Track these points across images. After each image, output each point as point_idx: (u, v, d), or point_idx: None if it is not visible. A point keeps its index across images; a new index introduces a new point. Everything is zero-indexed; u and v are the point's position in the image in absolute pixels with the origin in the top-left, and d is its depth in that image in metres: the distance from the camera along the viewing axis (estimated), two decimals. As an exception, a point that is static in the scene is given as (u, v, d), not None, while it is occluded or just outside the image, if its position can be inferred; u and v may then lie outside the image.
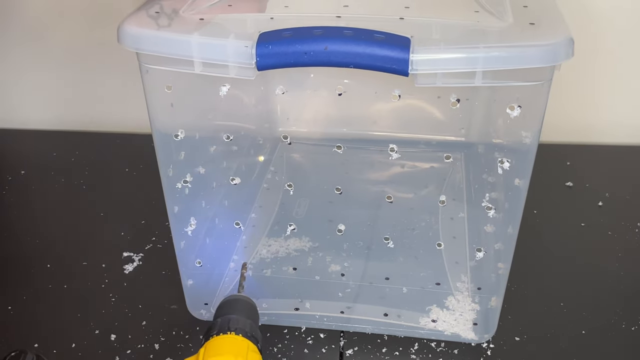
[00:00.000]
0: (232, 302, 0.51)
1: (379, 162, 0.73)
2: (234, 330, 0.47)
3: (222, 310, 0.50)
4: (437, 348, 0.56)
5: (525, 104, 0.46)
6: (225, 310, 0.50)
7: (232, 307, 0.50)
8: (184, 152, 0.53)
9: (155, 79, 0.49)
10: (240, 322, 0.48)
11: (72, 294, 0.62)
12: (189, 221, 0.56)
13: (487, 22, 0.46)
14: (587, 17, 0.78)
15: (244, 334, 0.47)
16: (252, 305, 0.51)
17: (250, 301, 0.52)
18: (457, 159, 0.75)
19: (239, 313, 0.49)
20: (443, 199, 0.65)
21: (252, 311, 0.51)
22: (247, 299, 0.51)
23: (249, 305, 0.51)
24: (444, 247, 0.61)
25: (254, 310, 0.51)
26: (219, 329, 0.47)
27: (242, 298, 0.51)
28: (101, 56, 0.87)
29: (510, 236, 0.51)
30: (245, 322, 0.48)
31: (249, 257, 0.63)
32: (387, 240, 0.58)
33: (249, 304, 0.51)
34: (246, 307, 0.50)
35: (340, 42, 0.42)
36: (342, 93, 0.55)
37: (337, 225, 0.58)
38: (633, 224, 0.70)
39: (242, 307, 0.50)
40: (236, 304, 0.50)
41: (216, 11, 0.48)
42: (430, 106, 0.73)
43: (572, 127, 0.85)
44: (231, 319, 0.48)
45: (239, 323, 0.48)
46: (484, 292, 0.58)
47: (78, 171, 0.81)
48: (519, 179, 0.49)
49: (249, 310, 0.50)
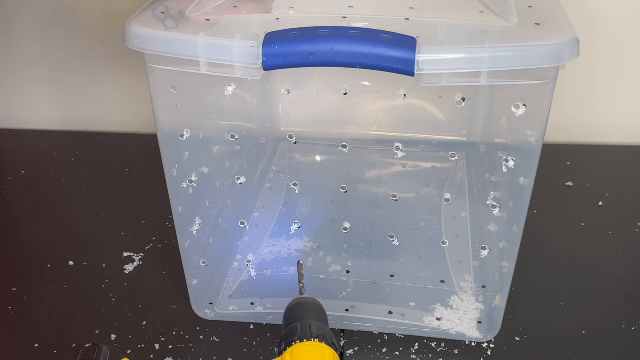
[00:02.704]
0: (305, 305, 0.49)
1: (380, 162, 0.73)
2: (317, 338, 0.45)
3: (295, 314, 0.48)
4: (437, 348, 0.56)
5: (530, 103, 0.46)
6: (299, 313, 0.48)
7: (305, 310, 0.49)
8: (189, 152, 0.54)
9: (161, 79, 0.49)
10: (321, 329, 0.46)
11: (72, 294, 0.62)
12: (193, 221, 0.56)
13: (493, 22, 0.46)
14: (587, 18, 0.78)
15: (326, 341, 0.46)
16: (323, 309, 0.50)
17: (320, 304, 0.50)
18: (459, 158, 0.75)
19: (315, 318, 0.48)
20: (448, 196, 0.65)
21: (324, 315, 0.49)
22: (317, 302, 0.50)
23: (321, 309, 0.50)
24: (447, 246, 0.61)
25: (325, 314, 0.50)
26: (301, 335, 0.46)
27: (313, 301, 0.50)
28: (101, 56, 0.86)
29: (515, 235, 0.52)
30: (326, 329, 0.47)
31: (252, 256, 0.63)
32: (392, 237, 0.58)
33: (320, 307, 0.50)
34: (319, 311, 0.49)
35: (347, 42, 0.42)
36: (346, 92, 0.55)
37: (340, 224, 0.58)
38: (633, 224, 0.70)
39: (316, 311, 0.49)
40: (309, 307, 0.49)
41: (222, 12, 0.49)
42: (432, 106, 0.73)
43: (572, 127, 0.85)
44: (312, 325, 0.46)
45: (320, 330, 0.46)
46: (488, 290, 0.58)
47: (78, 171, 0.81)
48: (524, 178, 0.49)
49: (323, 315, 0.49)
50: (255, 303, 0.59)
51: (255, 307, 0.59)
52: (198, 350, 0.56)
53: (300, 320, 0.47)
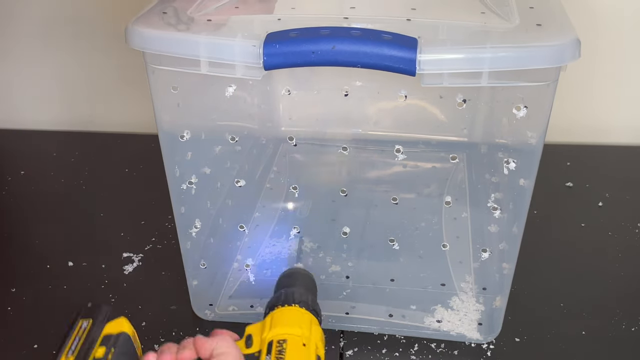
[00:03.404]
0: (294, 274, 0.52)
1: (380, 162, 0.73)
2: (297, 303, 0.47)
3: (284, 282, 0.51)
4: (437, 349, 0.56)
5: (531, 104, 0.46)
6: (287, 282, 0.51)
7: (294, 279, 0.51)
8: (190, 152, 0.53)
9: (162, 80, 0.49)
10: (304, 295, 0.49)
11: (72, 294, 0.62)
12: (194, 222, 0.56)
13: (494, 23, 0.46)
14: (588, 19, 0.78)
15: (307, 307, 0.48)
16: (311, 279, 0.53)
17: (310, 274, 0.53)
18: (460, 159, 0.75)
19: (300, 286, 0.50)
20: (448, 199, 0.65)
21: (312, 284, 0.52)
22: (306, 273, 0.53)
23: (309, 278, 0.52)
24: (447, 247, 0.61)
25: (313, 283, 0.52)
26: (283, 300, 0.48)
27: (302, 271, 0.53)
28: (102, 56, 0.86)
29: (515, 236, 0.52)
30: (308, 296, 0.49)
31: (252, 260, 0.63)
32: (392, 242, 0.58)
33: (308, 277, 0.53)
34: (306, 280, 0.52)
35: (348, 41, 0.42)
36: (347, 93, 0.55)
37: (340, 224, 0.58)
38: (633, 224, 0.70)
39: (303, 280, 0.52)
40: (297, 276, 0.52)
41: (224, 12, 0.49)
42: (432, 106, 0.73)
43: (572, 127, 0.85)
44: (295, 292, 0.49)
45: (303, 296, 0.49)
46: (489, 292, 0.58)
47: (78, 171, 0.81)
48: (524, 179, 0.50)
49: (310, 283, 0.52)
50: (254, 304, 0.59)
51: (255, 308, 0.59)
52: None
53: (288, 287, 0.50)
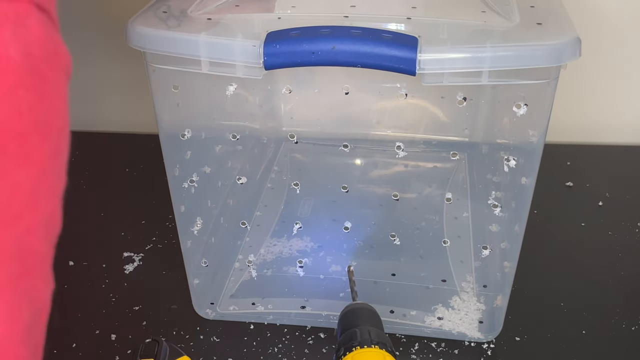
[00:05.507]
0: (361, 310, 0.49)
1: (382, 162, 0.73)
2: (377, 344, 0.45)
3: (352, 320, 0.48)
4: (437, 348, 0.56)
5: (531, 103, 0.46)
6: (355, 319, 0.48)
7: (361, 316, 0.48)
8: (190, 151, 0.53)
9: (162, 79, 0.49)
10: (381, 336, 0.46)
11: (72, 294, 0.62)
12: (195, 220, 0.56)
13: (494, 22, 0.46)
14: (588, 17, 0.78)
15: (386, 348, 0.45)
16: (378, 316, 0.49)
17: (375, 310, 0.50)
18: (461, 158, 0.75)
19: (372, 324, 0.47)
20: (449, 196, 0.65)
21: (380, 322, 0.49)
22: (372, 308, 0.50)
23: (376, 315, 0.49)
24: (448, 246, 0.61)
25: (380, 320, 0.49)
26: (361, 340, 0.45)
27: (368, 307, 0.50)
28: (102, 56, 0.86)
29: (516, 235, 0.52)
30: (386, 336, 0.47)
31: (253, 256, 0.63)
32: (394, 237, 0.58)
33: (375, 314, 0.49)
34: (375, 318, 0.49)
35: (348, 41, 0.42)
36: (348, 92, 0.55)
37: (341, 224, 0.58)
38: (633, 224, 0.70)
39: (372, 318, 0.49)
40: (365, 313, 0.49)
41: (223, 11, 0.49)
42: (433, 106, 0.73)
43: (572, 127, 0.85)
44: (371, 331, 0.46)
45: (380, 337, 0.46)
46: (490, 290, 0.58)
47: (78, 171, 0.81)
48: (525, 178, 0.50)
49: (379, 321, 0.49)
50: (256, 303, 0.59)
51: (256, 307, 0.59)
52: (198, 350, 0.56)
53: (358, 326, 0.47)
